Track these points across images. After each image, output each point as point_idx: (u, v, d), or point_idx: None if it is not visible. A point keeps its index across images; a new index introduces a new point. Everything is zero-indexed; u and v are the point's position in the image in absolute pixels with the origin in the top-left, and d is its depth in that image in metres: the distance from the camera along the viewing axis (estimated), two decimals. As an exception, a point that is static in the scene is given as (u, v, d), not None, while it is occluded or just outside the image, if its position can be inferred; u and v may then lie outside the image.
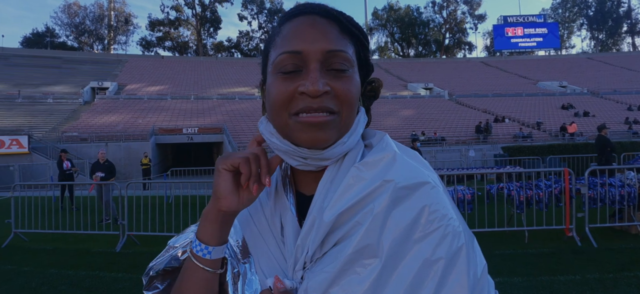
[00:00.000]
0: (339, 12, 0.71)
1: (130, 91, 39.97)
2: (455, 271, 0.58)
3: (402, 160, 0.66)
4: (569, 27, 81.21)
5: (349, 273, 0.59)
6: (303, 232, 0.65)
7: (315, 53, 0.65)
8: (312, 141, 0.65)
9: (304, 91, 0.63)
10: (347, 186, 0.64)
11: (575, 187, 6.16)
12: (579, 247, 5.63)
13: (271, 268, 0.69)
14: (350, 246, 0.60)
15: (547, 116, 31.62)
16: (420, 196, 0.62)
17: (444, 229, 0.60)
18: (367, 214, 0.61)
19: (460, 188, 6.48)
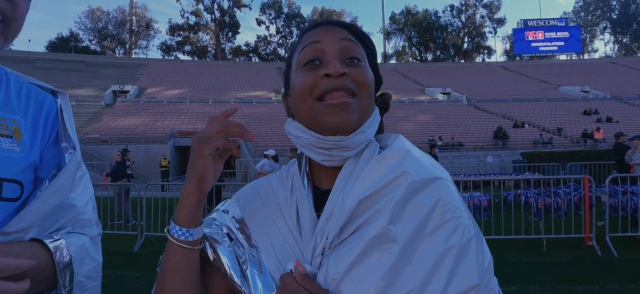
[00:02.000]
0: (348, 22, 0.80)
1: (150, 94, 40.72)
2: (466, 259, 0.64)
3: (416, 155, 0.73)
4: (592, 30, 79.32)
5: (369, 256, 0.64)
6: (322, 219, 0.70)
7: (333, 42, 0.74)
8: (337, 121, 0.71)
9: (326, 73, 0.71)
10: (366, 176, 0.70)
11: (595, 195, 6.03)
12: (599, 256, 5.51)
13: (285, 254, 0.72)
14: (371, 231, 0.64)
15: (568, 122, 30.96)
16: (435, 189, 0.68)
17: (456, 221, 0.66)
18: (388, 202, 0.66)
19: (477, 194, 6.41)
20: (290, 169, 0.84)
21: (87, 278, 0.85)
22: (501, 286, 2.93)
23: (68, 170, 0.87)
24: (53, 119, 0.93)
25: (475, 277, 0.63)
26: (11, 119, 0.84)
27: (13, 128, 0.83)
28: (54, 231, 0.84)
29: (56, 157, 0.91)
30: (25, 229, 0.78)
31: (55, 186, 0.84)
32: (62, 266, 0.79)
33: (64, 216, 0.86)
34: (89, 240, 0.89)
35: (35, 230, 0.80)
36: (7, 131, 0.82)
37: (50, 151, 0.90)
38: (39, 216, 0.80)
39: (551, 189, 6.28)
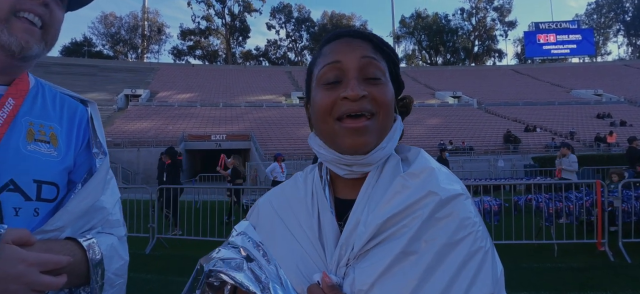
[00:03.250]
0: (370, 33, 0.81)
1: (162, 98, 41.17)
2: (483, 270, 0.68)
3: (440, 173, 0.75)
4: (605, 33, 78.32)
5: (395, 268, 0.67)
6: (346, 231, 0.72)
7: (353, 61, 0.75)
8: (354, 145, 0.73)
9: (345, 96, 0.73)
10: (393, 193, 0.72)
11: (608, 200, 5.98)
12: (612, 262, 5.45)
13: (307, 265, 0.75)
14: (398, 245, 0.68)
15: (581, 126, 30.62)
16: (456, 205, 0.71)
17: (474, 235, 0.69)
18: (415, 219, 0.69)
19: (487, 199, 6.39)
20: (309, 176, 0.86)
21: (115, 275, 0.91)
22: (512, 291, 2.95)
23: (100, 174, 0.94)
24: (84, 127, 1.00)
25: (490, 286, 0.67)
26: (48, 126, 0.90)
27: (50, 134, 0.90)
28: (86, 230, 0.90)
29: (88, 162, 0.98)
30: (61, 228, 0.85)
31: (88, 189, 0.91)
32: (94, 263, 0.85)
33: (95, 217, 0.92)
34: (117, 240, 0.96)
35: (69, 229, 0.86)
36: (45, 136, 0.88)
37: (82, 156, 0.97)
38: (73, 217, 0.87)
39: (562, 193, 6.23)
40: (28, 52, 0.83)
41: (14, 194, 0.81)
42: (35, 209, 0.84)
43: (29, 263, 0.71)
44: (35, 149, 0.86)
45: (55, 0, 0.86)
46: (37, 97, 0.93)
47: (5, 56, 0.82)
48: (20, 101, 0.88)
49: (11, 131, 0.83)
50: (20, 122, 0.86)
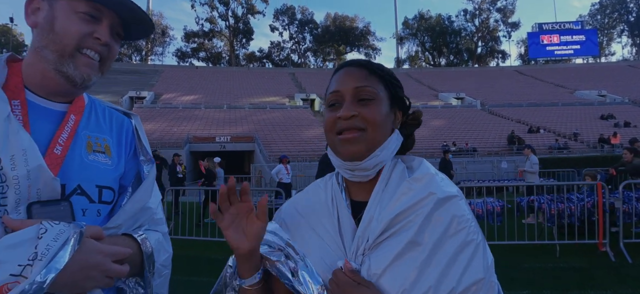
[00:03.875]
0: (367, 61, 0.99)
1: (166, 100, 41.40)
2: (474, 259, 0.84)
3: (439, 179, 0.92)
4: (609, 33, 78.04)
5: (403, 256, 0.83)
6: (362, 227, 0.89)
7: (348, 90, 0.94)
8: (348, 153, 0.92)
9: (339, 116, 0.92)
10: (400, 194, 0.89)
11: (609, 201, 6.08)
12: (613, 262, 5.55)
13: (328, 254, 0.91)
14: (405, 237, 0.84)
15: (584, 127, 30.59)
16: (452, 205, 0.88)
17: (467, 231, 0.86)
18: (418, 215, 0.85)
19: (490, 200, 6.50)
20: (328, 183, 1.03)
21: (162, 266, 1.06)
22: (514, 291, 3.15)
23: (149, 180, 1.09)
24: (131, 137, 1.15)
25: (481, 272, 0.83)
26: (103, 138, 1.05)
27: (105, 146, 1.04)
28: (136, 228, 1.04)
29: (135, 168, 1.12)
30: (119, 226, 0.99)
31: (140, 193, 1.05)
32: (147, 255, 0.99)
33: (143, 216, 1.06)
34: (162, 235, 1.09)
35: (124, 227, 1.01)
36: (101, 147, 1.03)
37: (130, 163, 1.12)
38: (128, 216, 1.01)
39: (564, 195, 6.33)
40: (88, 83, 0.98)
41: (81, 197, 0.95)
42: (98, 210, 0.99)
43: (104, 254, 0.86)
44: (95, 158, 1.00)
45: (113, 38, 1.00)
46: (91, 112, 1.07)
47: (68, 84, 0.97)
48: (80, 116, 1.02)
49: (74, 143, 0.97)
50: (80, 135, 1.00)
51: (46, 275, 0.73)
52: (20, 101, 0.92)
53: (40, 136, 0.90)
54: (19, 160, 0.83)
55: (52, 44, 0.93)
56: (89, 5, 0.94)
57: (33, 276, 0.73)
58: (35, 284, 0.72)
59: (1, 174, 0.82)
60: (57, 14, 0.93)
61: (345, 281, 0.83)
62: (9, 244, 0.75)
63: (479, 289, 0.82)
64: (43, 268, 0.74)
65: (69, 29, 0.93)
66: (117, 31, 1.02)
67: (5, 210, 0.82)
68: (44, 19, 0.94)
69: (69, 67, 0.94)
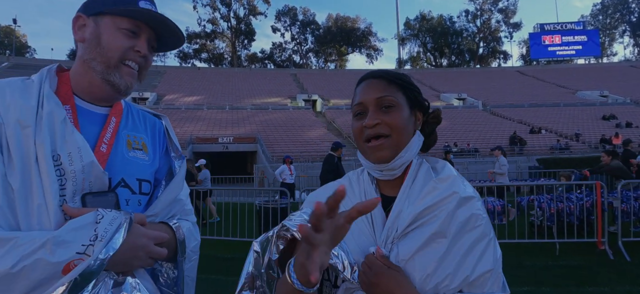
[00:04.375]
0: (385, 71, 1.12)
1: (169, 101, 41.58)
2: (487, 252, 0.97)
3: (460, 181, 1.06)
4: (610, 34, 77.99)
5: (427, 246, 0.96)
6: (391, 218, 1.01)
7: (371, 101, 1.06)
8: (376, 159, 1.05)
9: (365, 125, 1.04)
10: (427, 192, 1.02)
11: (607, 200, 6.18)
12: (611, 260, 5.65)
13: (362, 240, 1.03)
14: (430, 229, 0.97)
15: (586, 127, 30.64)
16: (471, 204, 1.01)
17: (483, 228, 0.99)
18: (442, 211, 0.98)
19: (491, 199, 6.62)
20: (360, 177, 1.15)
21: (192, 252, 1.19)
22: (514, 287, 3.31)
23: (180, 175, 1.23)
24: (162, 136, 1.29)
25: (491, 263, 0.97)
26: (140, 137, 1.19)
27: (142, 143, 1.18)
28: (170, 217, 1.17)
29: (167, 164, 1.26)
30: (156, 214, 1.13)
31: (173, 186, 1.19)
32: (180, 241, 1.12)
33: (175, 206, 1.19)
34: (192, 224, 1.23)
35: (160, 216, 1.14)
36: (139, 145, 1.16)
37: (163, 160, 1.26)
38: (164, 206, 1.15)
39: (563, 194, 6.44)
40: (129, 90, 1.12)
41: (125, 189, 1.08)
42: (139, 200, 1.12)
43: (149, 237, 1.00)
44: (134, 155, 1.13)
45: (149, 50, 1.15)
46: (129, 115, 1.21)
47: (113, 91, 1.10)
48: (119, 118, 1.16)
49: (117, 141, 1.11)
50: (121, 135, 1.13)
51: (106, 253, 0.87)
52: (71, 106, 1.06)
53: (88, 136, 1.03)
54: (75, 157, 0.97)
55: (99, 56, 1.07)
56: (131, 22, 1.08)
57: (95, 253, 0.86)
58: (98, 261, 0.85)
59: (61, 169, 0.95)
60: (103, 30, 1.07)
61: (378, 265, 0.95)
62: (74, 227, 0.89)
63: (488, 278, 0.96)
64: (103, 247, 0.87)
65: (113, 43, 1.06)
66: (152, 44, 1.16)
67: (64, 199, 0.95)
68: (91, 34, 1.07)
69: (115, 77, 1.08)
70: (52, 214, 0.92)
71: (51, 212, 0.92)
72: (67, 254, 0.85)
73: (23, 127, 0.94)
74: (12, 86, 1.00)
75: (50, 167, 0.93)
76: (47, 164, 0.93)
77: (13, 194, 0.90)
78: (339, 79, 56.47)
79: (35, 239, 0.85)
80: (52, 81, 1.07)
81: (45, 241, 0.85)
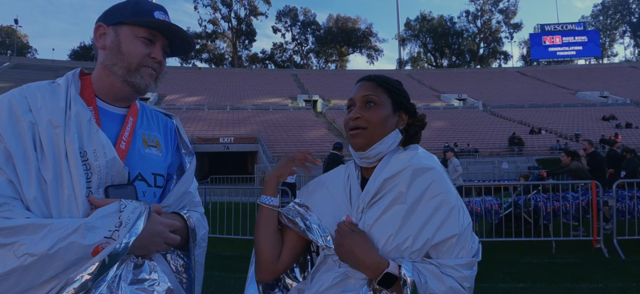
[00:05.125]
0: (377, 76, 1.30)
1: (170, 101, 41.71)
2: (449, 219, 1.10)
3: (420, 153, 1.22)
4: (611, 34, 78.02)
5: (388, 212, 1.11)
6: (363, 192, 1.19)
7: (358, 98, 1.27)
8: (353, 145, 1.25)
9: (349, 118, 1.26)
10: (389, 166, 1.19)
11: (603, 199, 6.29)
12: (606, 258, 5.75)
13: (340, 213, 1.21)
14: (390, 197, 1.13)
15: (586, 128, 30.72)
16: (430, 175, 1.15)
17: (443, 195, 1.12)
18: (400, 180, 1.14)
19: (488, 199, 6.72)
20: (350, 166, 1.34)
21: (202, 239, 1.32)
22: (510, 284, 3.49)
23: (191, 169, 1.35)
24: (173, 134, 1.41)
25: (455, 229, 1.11)
26: (154, 135, 1.31)
27: (156, 141, 1.30)
28: (180, 208, 1.29)
29: (178, 160, 1.39)
30: (169, 205, 1.25)
31: (184, 179, 1.31)
32: (191, 230, 1.24)
33: (186, 198, 1.31)
34: (200, 215, 1.35)
35: (172, 207, 1.26)
36: (153, 143, 1.29)
37: (174, 156, 1.38)
38: (176, 197, 1.27)
39: (559, 193, 6.55)
40: (148, 89, 1.24)
41: (142, 183, 1.20)
42: (154, 192, 1.24)
43: (165, 224, 1.13)
44: (149, 152, 1.25)
45: (163, 56, 1.26)
46: (144, 114, 1.33)
47: (134, 91, 1.23)
48: (136, 118, 1.28)
49: (134, 139, 1.23)
50: (137, 133, 1.25)
51: (129, 238, 1.00)
52: (93, 107, 1.18)
53: (109, 134, 1.15)
54: (99, 153, 1.09)
55: (120, 61, 1.18)
56: (147, 31, 1.20)
57: (121, 238, 0.99)
58: (123, 244, 0.98)
59: (87, 164, 1.07)
60: (122, 38, 1.19)
61: (344, 229, 1.13)
62: (101, 215, 1.01)
63: (454, 243, 1.09)
64: (127, 232, 1.00)
65: (133, 50, 1.19)
66: (166, 50, 1.28)
67: (90, 191, 1.07)
68: (112, 42, 1.19)
69: (136, 78, 1.20)
70: (80, 204, 1.04)
71: (79, 202, 1.04)
72: (96, 238, 0.97)
73: (54, 127, 1.06)
74: (42, 89, 1.11)
75: (78, 162, 1.05)
76: (76, 160, 1.05)
77: (46, 187, 1.02)
78: (340, 79, 56.58)
79: (69, 225, 0.97)
80: (77, 84, 1.19)
81: (78, 226, 0.97)
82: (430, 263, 1.07)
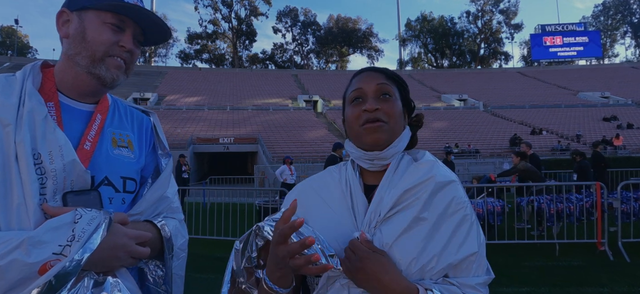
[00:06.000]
0: (384, 68, 1.15)
1: (170, 101, 41.63)
2: (470, 236, 0.99)
3: (439, 165, 1.07)
4: (612, 35, 77.84)
5: (410, 229, 0.96)
6: (374, 203, 1.01)
7: (371, 87, 1.08)
8: (371, 140, 1.04)
9: (365, 109, 1.05)
10: (408, 176, 1.03)
11: (607, 201, 6.16)
12: (611, 261, 5.63)
13: (341, 227, 1.01)
14: (413, 212, 0.98)
15: (587, 128, 30.59)
16: (451, 188, 1.03)
17: (464, 211, 1.01)
18: (422, 193, 0.99)
19: (490, 200, 6.59)
20: (342, 168, 1.15)
21: (180, 249, 1.17)
22: (513, 288, 3.32)
23: (167, 172, 1.21)
24: (150, 134, 1.27)
25: (475, 247, 0.98)
26: (126, 134, 1.17)
27: (127, 141, 1.16)
28: (156, 215, 1.15)
29: (154, 161, 1.24)
30: (141, 213, 1.11)
31: (159, 183, 1.17)
32: (166, 239, 1.11)
33: (162, 204, 1.17)
34: (178, 222, 1.21)
35: (145, 214, 1.12)
36: (124, 143, 1.14)
37: (150, 157, 1.24)
38: (149, 204, 1.13)
39: (563, 195, 6.41)
40: (116, 82, 1.10)
41: (108, 188, 1.06)
42: (123, 198, 1.10)
43: (129, 236, 0.98)
44: (119, 153, 1.12)
45: (135, 44, 1.12)
46: (115, 111, 1.19)
47: (99, 84, 1.09)
48: (105, 115, 1.14)
49: (101, 139, 1.09)
50: (106, 132, 1.12)
51: (83, 254, 0.85)
52: (54, 103, 1.04)
53: (72, 134, 1.02)
54: (56, 155, 0.95)
55: (84, 50, 1.04)
56: (115, 16, 1.06)
57: (72, 254, 0.84)
58: (74, 262, 0.84)
59: (41, 168, 0.93)
60: (87, 25, 1.05)
61: (362, 249, 0.93)
62: (51, 227, 0.87)
63: (473, 261, 0.98)
64: (80, 248, 0.85)
65: (98, 38, 1.04)
66: (138, 38, 1.14)
67: (45, 198, 0.93)
68: (75, 30, 1.05)
69: (100, 69, 1.06)
70: (31, 213, 0.90)
71: (30, 211, 0.90)
72: (43, 255, 0.84)
73: (4, 126, 0.93)
74: None
75: (30, 166, 0.92)
76: (27, 163, 0.92)
77: None
78: (340, 79, 56.42)
79: (12, 240, 0.84)
80: (36, 77, 1.05)
81: (22, 241, 0.83)
82: (452, 284, 0.96)
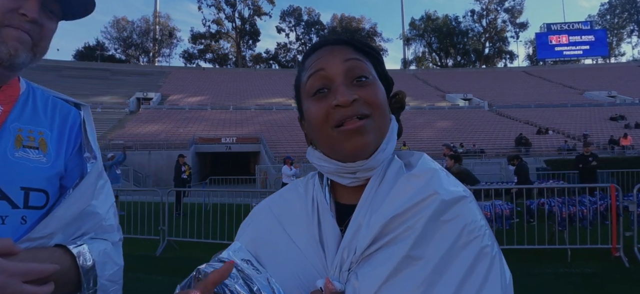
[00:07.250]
0: (350, 37, 0.78)
1: (173, 101, 41.54)
2: (492, 275, 0.64)
3: (443, 175, 0.72)
4: (618, 33, 77.15)
5: (401, 273, 0.63)
6: (348, 235, 0.69)
7: (337, 66, 0.72)
8: (356, 147, 0.70)
9: (337, 104, 0.70)
10: (396, 194, 0.69)
11: (622, 204, 5.85)
12: (627, 268, 5.33)
13: (307, 270, 0.71)
14: (403, 249, 0.64)
15: (594, 128, 30.14)
16: (461, 208, 0.68)
17: (481, 240, 0.66)
18: (419, 220, 0.66)
19: (498, 203, 6.30)
20: (309, 182, 0.83)
21: (109, 281, 0.88)
22: None
23: (90, 178, 0.92)
24: (77, 131, 0.98)
25: (499, 290, 0.64)
26: (38, 131, 0.89)
27: (40, 140, 0.88)
28: (78, 237, 0.87)
29: (79, 167, 0.95)
30: (50, 234, 0.82)
31: (78, 194, 0.88)
32: (85, 270, 0.82)
33: (87, 222, 0.89)
34: (111, 245, 0.93)
35: (59, 236, 0.84)
36: (34, 142, 0.86)
37: (74, 161, 0.95)
38: (63, 223, 0.84)
39: (575, 197, 6.11)
40: (16, 60, 0.81)
41: (1, 202, 0.79)
42: (23, 217, 0.82)
43: (9, 273, 0.69)
44: (23, 155, 0.84)
45: (46, 14, 0.84)
46: (28, 102, 0.91)
47: None
48: (9, 107, 0.86)
49: (0, 137, 0.82)
50: (8, 129, 0.84)
51: None
52: None
53: None
54: None
55: None
56: None
57: None
58: None
59: None
60: None
61: None
62: None
63: None
64: None
65: None
66: (51, 8, 0.86)
67: None
68: None
69: None
70: None
71: None
72: None
73: None
74: None
75: None
76: None
77: None
78: (344, 79, 56.22)
79: None
80: None
81: None
82: None
